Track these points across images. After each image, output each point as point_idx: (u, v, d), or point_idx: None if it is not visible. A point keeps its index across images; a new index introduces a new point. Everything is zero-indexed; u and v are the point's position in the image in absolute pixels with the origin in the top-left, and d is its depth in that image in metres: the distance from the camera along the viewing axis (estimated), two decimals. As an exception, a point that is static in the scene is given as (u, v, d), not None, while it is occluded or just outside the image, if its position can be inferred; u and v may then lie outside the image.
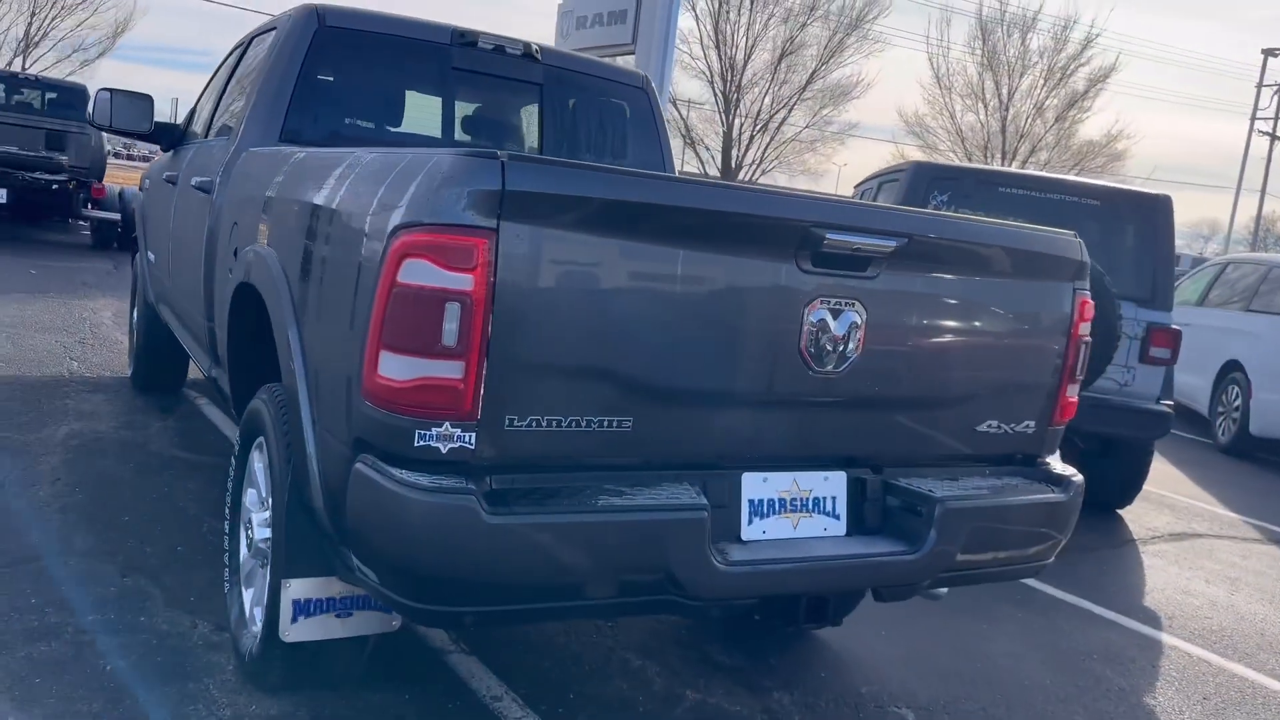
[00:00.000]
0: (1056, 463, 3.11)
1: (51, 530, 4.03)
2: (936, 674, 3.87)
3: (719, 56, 31.82)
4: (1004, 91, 35.89)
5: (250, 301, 3.11)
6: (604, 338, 2.25)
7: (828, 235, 2.41)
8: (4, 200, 11.97)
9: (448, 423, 2.13)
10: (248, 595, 3.13)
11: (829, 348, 2.51)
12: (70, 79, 20.43)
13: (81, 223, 13.57)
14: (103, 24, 24.44)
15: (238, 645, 3.12)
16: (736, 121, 32.40)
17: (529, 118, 4.53)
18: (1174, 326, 6.13)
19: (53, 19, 24.12)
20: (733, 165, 32.44)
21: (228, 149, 4.00)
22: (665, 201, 2.27)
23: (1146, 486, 7.03)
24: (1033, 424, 2.97)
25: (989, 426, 2.88)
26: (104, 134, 12.44)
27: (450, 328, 2.07)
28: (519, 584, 2.19)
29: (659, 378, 2.34)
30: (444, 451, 2.14)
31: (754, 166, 33.19)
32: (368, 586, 2.31)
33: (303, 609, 2.62)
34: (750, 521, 2.56)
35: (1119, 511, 6.82)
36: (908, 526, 2.70)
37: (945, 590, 3.33)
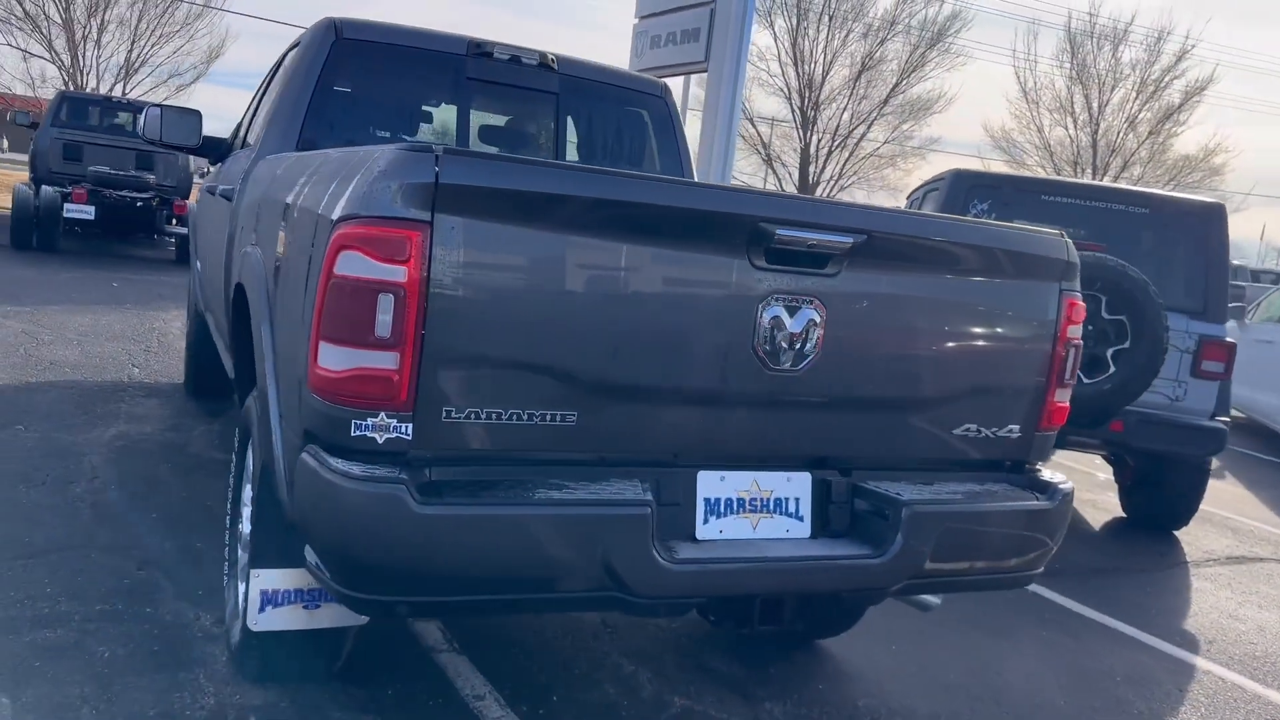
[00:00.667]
0: (1047, 469, 3.00)
1: (79, 524, 4.19)
2: (942, 690, 3.75)
3: (797, 73, 31.69)
4: (1094, 105, 34.94)
5: (243, 300, 3.21)
6: (545, 332, 2.26)
7: (778, 231, 2.38)
8: (92, 217, 12.54)
9: (383, 413, 2.16)
10: (241, 588, 3.21)
11: (784, 346, 2.48)
12: (164, 102, 21.40)
13: (166, 238, 14.13)
14: (197, 50, 25.60)
15: (229, 637, 3.20)
16: (814, 137, 32.17)
17: (545, 127, 4.58)
18: (1228, 340, 5.86)
19: (152, 46, 25.29)
20: (810, 181, 32.20)
21: (249, 158, 4.14)
22: (603, 195, 2.27)
23: (1209, 508, 6.74)
24: (1017, 428, 2.88)
25: (967, 430, 2.80)
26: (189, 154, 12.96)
27: (384, 319, 2.10)
28: (452, 575, 2.20)
29: (604, 373, 2.33)
30: (380, 442, 2.17)
31: (832, 183, 32.90)
32: (315, 575, 2.35)
33: (270, 599, 2.68)
34: (706, 520, 2.53)
35: (1176, 533, 6.54)
36: (875, 530, 2.63)
37: (937, 601, 3.25)
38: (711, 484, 2.54)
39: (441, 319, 2.15)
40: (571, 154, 4.58)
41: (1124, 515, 6.76)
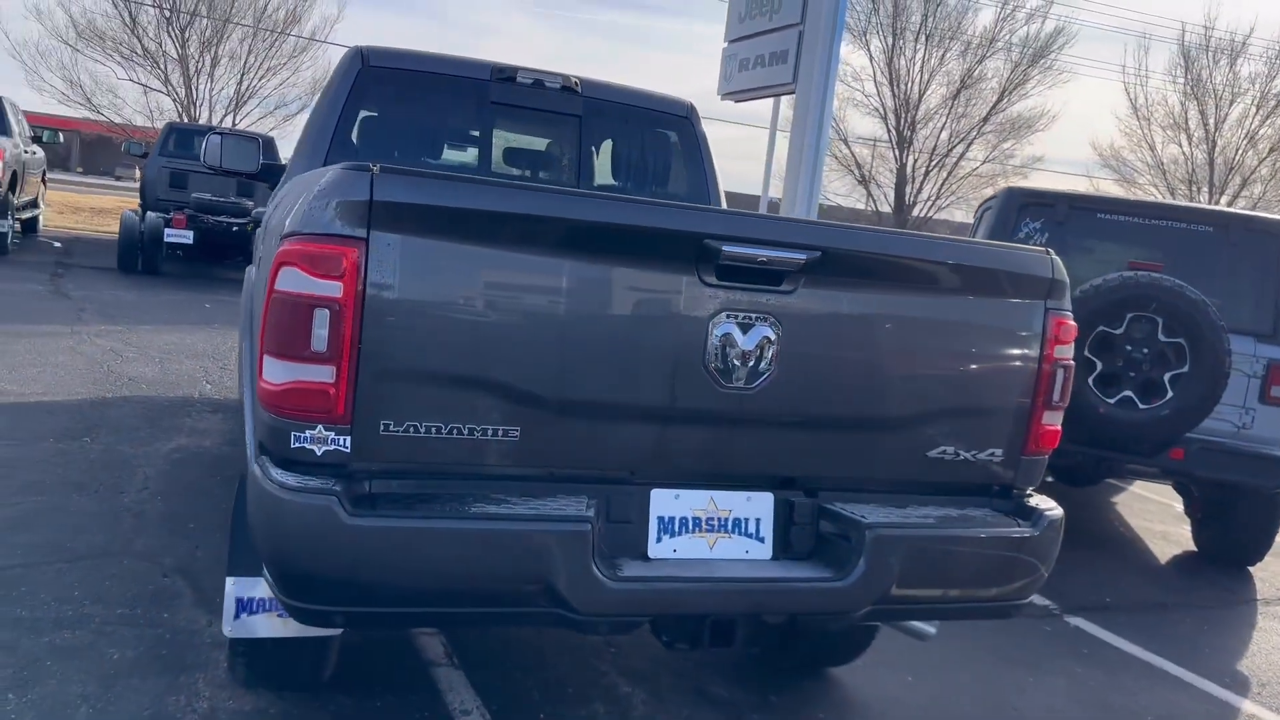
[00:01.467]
0: (1037, 495, 2.89)
1: (119, 532, 4.39)
2: (950, 723, 3.63)
3: (893, 93, 31.25)
4: (1211, 122, 33.46)
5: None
6: (484, 347, 2.29)
7: (724, 248, 2.36)
8: (190, 241, 13.14)
9: (321, 425, 2.21)
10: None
11: (736, 363, 2.45)
12: (270, 132, 22.39)
13: (262, 261, 14.69)
14: (301, 83, 26.70)
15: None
16: (910, 157, 31.65)
17: (568, 149, 4.63)
18: (1300, 364, 5.53)
19: (260, 79, 26.51)
20: (906, 201, 31.66)
21: (282, 182, 4.31)
22: (539, 212, 2.29)
23: (1290, 543, 6.36)
24: (1000, 452, 2.78)
25: (944, 453, 2.71)
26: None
27: (320, 333, 2.16)
28: (385, 587, 2.23)
29: (546, 389, 2.34)
30: (319, 454, 2.23)
31: (929, 203, 32.29)
32: (267, 582, 2.41)
33: (245, 606, 2.75)
34: (659, 539, 2.52)
35: (1251, 569, 6.18)
36: (839, 553, 2.57)
37: (932, 630, 3.15)
38: (665, 502, 2.52)
39: (378, 333, 2.20)
40: (596, 176, 4.63)
41: (1195, 549, 6.42)
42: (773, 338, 2.47)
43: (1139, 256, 5.51)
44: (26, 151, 14.22)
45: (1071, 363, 2.83)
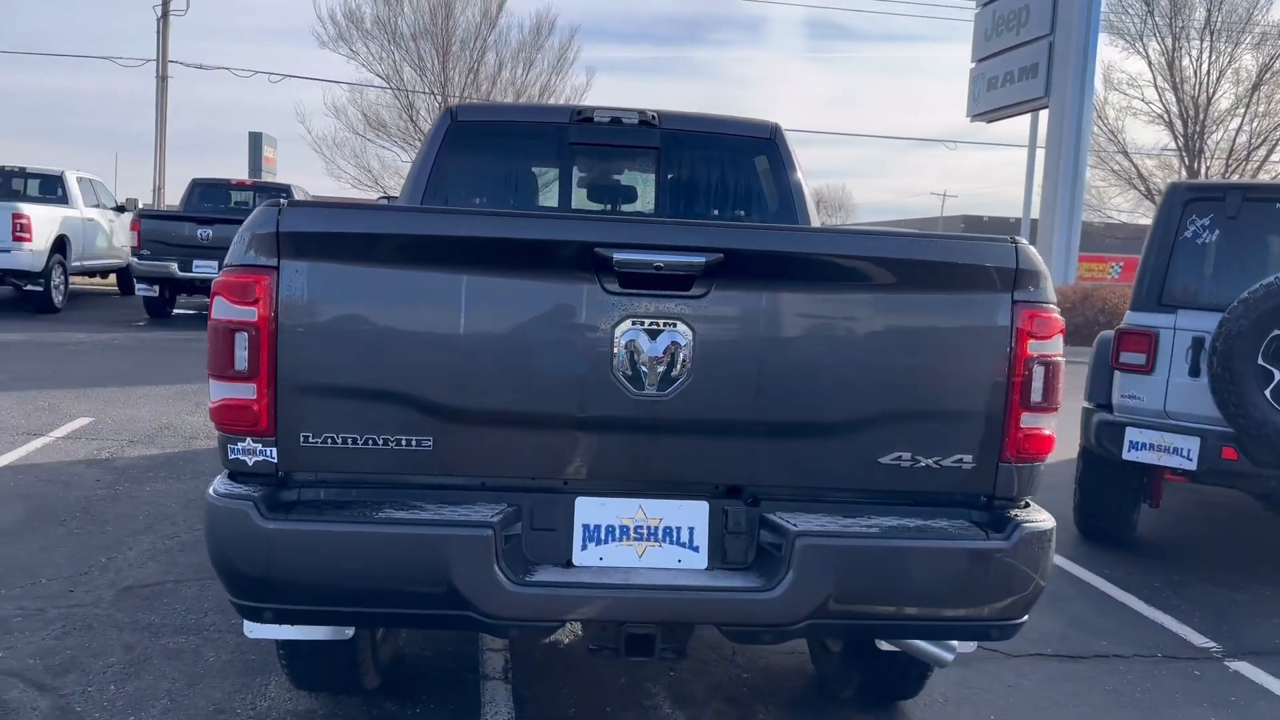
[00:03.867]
0: (1025, 507, 2.62)
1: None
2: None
3: (1176, 97, 28.62)
4: None
5: None
6: (392, 362, 2.44)
7: (614, 255, 2.38)
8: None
9: (249, 438, 2.45)
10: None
11: (645, 370, 2.45)
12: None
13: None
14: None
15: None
16: (1203, 165, 28.73)
17: (647, 180, 4.74)
18: None
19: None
20: (1198, 215, 28.68)
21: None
22: (429, 232, 2.42)
23: None
24: (970, 458, 2.56)
25: (899, 460, 2.54)
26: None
27: (241, 354, 2.41)
28: (299, 585, 2.42)
29: (454, 400, 2.46)
30: (250, 464, 2.47)
31: (1227, 214, 29.05)
32: None
33: (261, 609, 3.04)
34: (584, 546, 2.54)
35: None
36: (771, 564, 2.48)
37: (949, 656, 2.92)
38: (590, 510, 2.55)
39: (292, 353, 2.42)
40: (675, 204, 4.70)
41: None
42: (682, 343, 2.45)
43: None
44: (88, 220, 15.51)
45: (1057, 360, 2.57)
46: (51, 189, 15.58)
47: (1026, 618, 2.60)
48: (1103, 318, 15.54)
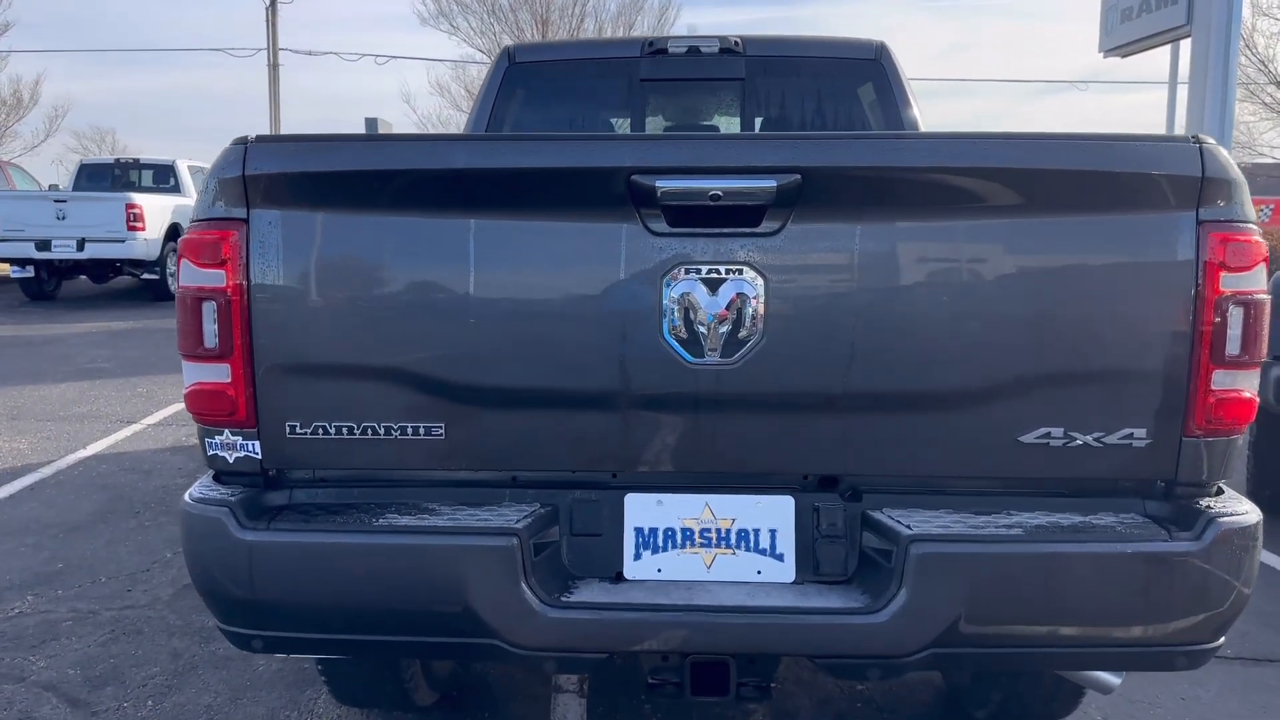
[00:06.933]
0: (1219, 494, 1.98)
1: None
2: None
3: (1339, 19, 26.05)
4: None
5: None
6: (391, 331, 1.96)
7: (659, 184, 1.84)
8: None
9: (227, 430, 2.02)
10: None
11: (704, 331, 1.90)
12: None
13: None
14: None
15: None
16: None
17: (731, 115, 4.16)
18: None
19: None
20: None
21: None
22: (425, 165, 1.92)
23: None
24: (1143, 433, 1.93)
25: (1044, 438, 1.93)
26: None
27: (210, 328, 1.97)
28: (289, 609, 1.97)
29: (467, 377, 1.96)
30: (231, 461, 2.03)
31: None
32: None
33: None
34: (638, 555, 2.02)
35: None
36: (880, 577, 1.91)
37: (1116, 680, 2.30)
38: (644, 510, 2.02)
39: (270, 324, 1.96)
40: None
41: None
42: (750, 295, 1.89)
43: None
44: None
45: (1260, 297, 1.91)
46: (164, 179, 15.84)
47: (1223, 640, 1.96)
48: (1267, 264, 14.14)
